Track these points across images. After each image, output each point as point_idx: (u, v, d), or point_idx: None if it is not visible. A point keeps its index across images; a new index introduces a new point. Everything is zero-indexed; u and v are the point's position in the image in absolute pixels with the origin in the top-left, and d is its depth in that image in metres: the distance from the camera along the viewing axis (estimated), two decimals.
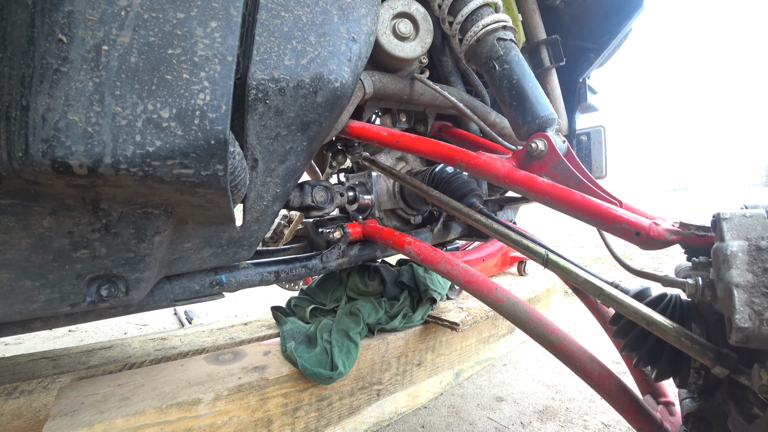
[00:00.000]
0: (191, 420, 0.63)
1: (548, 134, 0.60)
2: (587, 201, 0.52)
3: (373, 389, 0.89)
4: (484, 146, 0.76)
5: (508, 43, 0.65)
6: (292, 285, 2.34)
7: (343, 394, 0.83)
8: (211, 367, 0.76)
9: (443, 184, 0.81)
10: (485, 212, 0.68)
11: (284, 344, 0.85)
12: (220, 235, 0.53)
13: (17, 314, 0.43)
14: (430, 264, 0.67)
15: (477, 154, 0.64)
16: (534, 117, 0.62)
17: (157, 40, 0.31)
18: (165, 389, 0.66)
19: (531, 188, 0.57)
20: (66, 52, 0.28)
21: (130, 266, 0.47)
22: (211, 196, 0.40)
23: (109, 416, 0.57)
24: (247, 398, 0.70)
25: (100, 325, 1.86)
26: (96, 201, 0.39)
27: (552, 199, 0.55)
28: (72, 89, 0.28)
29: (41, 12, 0.27)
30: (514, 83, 0.63)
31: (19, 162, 0.29)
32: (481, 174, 0.64)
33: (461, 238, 1.11)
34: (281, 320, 0.97)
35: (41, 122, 0.28)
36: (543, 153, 0.59)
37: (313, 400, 0.79)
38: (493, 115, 0.94)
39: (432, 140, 0.70)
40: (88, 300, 0.46)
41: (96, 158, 0.30)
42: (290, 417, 0.75)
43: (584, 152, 1.07)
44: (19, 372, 0.74)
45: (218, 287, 0.64)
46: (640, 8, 0.93)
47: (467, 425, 0.96)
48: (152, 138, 0.31)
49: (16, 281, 0.41)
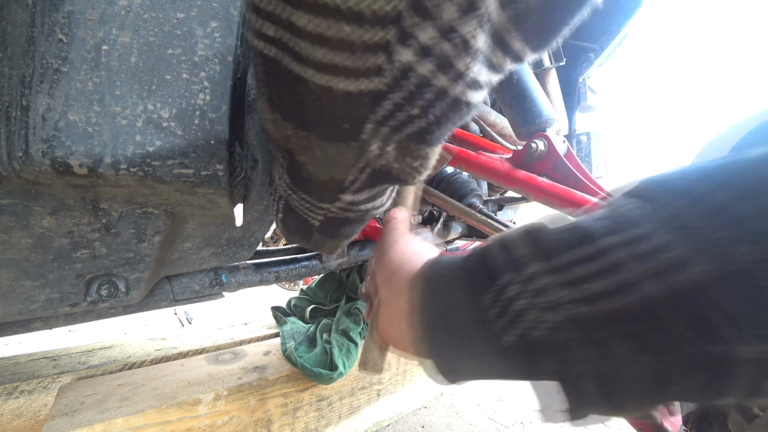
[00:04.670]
0: (191, 420, 0.63)
1: (548, 134, 0.60)
2: (587, 201, 0.52)
3: (373, 389, 0.89)
4: (484, 146, 0.76)
5: None
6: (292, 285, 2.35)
7: (343, 394, 0.83)
8: (211, 367, 0.76)
9: (443, 184, 0.81)
10: (485, 212, 0.68)
11: (284, 344, 0.85)
12: (220, 235, 0.53)
13: (17, 314, 0.43)
14: None
15: (477, 154, 0.64)
16: (534, 117, 0.62)
17: (157, 40, 0.31)
18: (165, 389, 0.66)
19: (531, 188, 0.57)
20: (66, 52, 0.28)
21: (131, 266, 0.47)
22: (211, 196, 0.40)
23: (109, 416, 0.57)
24: (247, 398, 0.70)
25: (100, 325, 1.86)
26: (96, 201, 0.39)
27: (552, 199, 0.55)
28: (72, 89, 0.28)
29: (41, 12, 0.27)
30: (514, 83, 0.63)
31: (19, 162, 0.29)
32: (481, 174, 0.64)
33: (461, 238, 1.11)
34: (281, 320, 0.97)
35: (41, 122, 0.28)
36: (543, 153, 0.59)
37: (313, 400, 0.79)
38: (493, 115, 0.94)
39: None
40: (88, 300, 0.46)
41: (96, 158, 0.30)
42: (290, 417, 0.75)
43: (584, 152, 1.07)
44: (19, 372, 0.74)
45: (218, 287, 0.64)
46: (639, 6, 0.93)
47: (467, 425, 0.96)
48: (152, 138, 0.31)
49: (16, 281, 0.41)
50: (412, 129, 0.25)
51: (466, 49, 0.21)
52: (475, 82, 0.24)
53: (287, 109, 0.25)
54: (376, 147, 0.26)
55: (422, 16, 0.19)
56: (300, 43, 0.21)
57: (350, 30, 0.20)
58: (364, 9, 0.19)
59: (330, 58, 0.21)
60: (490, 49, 0.23)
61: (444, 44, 0.21)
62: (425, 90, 0.23)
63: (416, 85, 0.22)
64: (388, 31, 0.20)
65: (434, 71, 0.22)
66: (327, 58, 0.21)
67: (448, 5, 0.19)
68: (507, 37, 0.22)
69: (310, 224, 0.36)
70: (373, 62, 0.21)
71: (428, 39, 0.20)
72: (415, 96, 0.23)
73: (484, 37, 0.22)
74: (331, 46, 0.21)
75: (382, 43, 0.20)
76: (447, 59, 0.22)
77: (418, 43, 0.20)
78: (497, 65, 0.25)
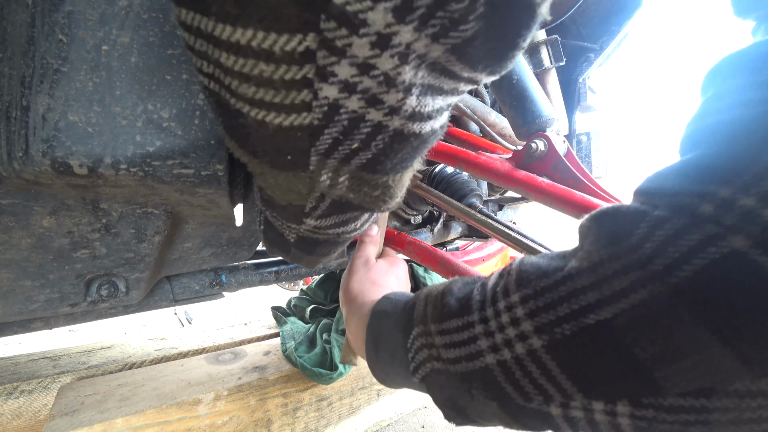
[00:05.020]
0: (191, 420, 0.63)
1: (548, 134, 0.60)
2: (587, 201, 0.52)
3: (373, 389, 0.89)
4: (483, 146, 0.76)
5: None
6: (292, 285, 2.35)
7: (343, 394, 0.83)
8: (211, 367, 0.76)
9: (443, 184, 0.81)
10: (485, 212, 0.68)
11: (284, 344, 0.85)
12: (220, 235, 0.53)
13: (17, 314, 0.43)
14: (430, 264, 0.67)
15: (477, 154, 0.64)
16: (534, 117, 0.62)
17: (157, 40, 0.31)
18: (165, 389, 0.66)
19: (531, 188, 0.57)
20: (66, 52, 0.28)
21: (131, 266, 0.47)
22: (211, 196, 0.40)
23: (109, 416, 0.57)
24: (247, 398, 0.70)
25: (100, 325, 1.86)
26: (96, 201, 0.39)
27: (552, 199, 0.55)
28: (72, 89, 0.28)
29: (41, 12, 0.27)
30: (514, 83, 0.63)
31: (19, 162, 0.29)
32: (481, 174, 0.64)
33: (461, 238, 1.11)
34: (281, 320, 0.97)
35: (41, 122, 0.28)
36: (543, 153, 0.59)
37: (313, 400, 0.79)
38: (492, 115, 0.94)
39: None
40: (88, 300, 0.46)
41: (96, 158, 0.30)
42: (290, 417, 0.75)
43: (584, 152, 1.07)
44: (19, 372, 0.74)
45: (218, 287, 0.64)
46: (639, 6, 0.93)
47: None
48: (152, 138, 0.31)
49: (16, 281, 0.41)
50: (359, 161, 0.25)
51: (393, 85, 0.21)
52: (418, 114, 0.23)
53: (238, 138, 0.25)
54: (326, 178, 0.26)
55: (335, 54, 0.18)
56: (231, 81, 0.21)
57: (269, 69, 0.19)
58: (276, 49, 0.18)
59: (259, 95, 0.21)
60: (435, 78, 0.22)
61: (367, 81, 0.20)
62: (361, 125, 0.22)
63: (350, 120, 0.22)
64: (307, 69, 0.19)
65: (365, 107, 0.21)
66: (256, 95, 0.21)
67: (358, 42, 0.18)
68: (451, 66, 0.22)
69: (286, 239, 0.36)
70: (299, 98, 0.20)
71: (349, 76, 0.19)
72: (352, 130, 0.23)
73: (416, 71, 0.21)
74: (256, 83, 0.20)
75: (303, 80, 0.20)
76: (374, 95, 0.21)
77: (340, 80, 0.20)
78: (450, 90, 0.24)
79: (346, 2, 0.17)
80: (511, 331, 0.24)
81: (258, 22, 0.18)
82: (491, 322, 0.26)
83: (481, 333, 0.26)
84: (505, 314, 0.25)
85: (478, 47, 0.20)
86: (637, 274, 0.19)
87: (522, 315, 0.24)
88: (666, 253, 0.19)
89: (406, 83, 0.21)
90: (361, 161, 0.25)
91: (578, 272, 0.22)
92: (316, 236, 0.35)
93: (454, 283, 0.32)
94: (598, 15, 0.99)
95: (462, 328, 0.27)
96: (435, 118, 0.26)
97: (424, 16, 0.18)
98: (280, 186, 0.28)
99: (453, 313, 0.29)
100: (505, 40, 0.21)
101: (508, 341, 0.24)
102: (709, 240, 0.18)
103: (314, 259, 0.42)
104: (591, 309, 0.21)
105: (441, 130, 0.28)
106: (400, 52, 0.19)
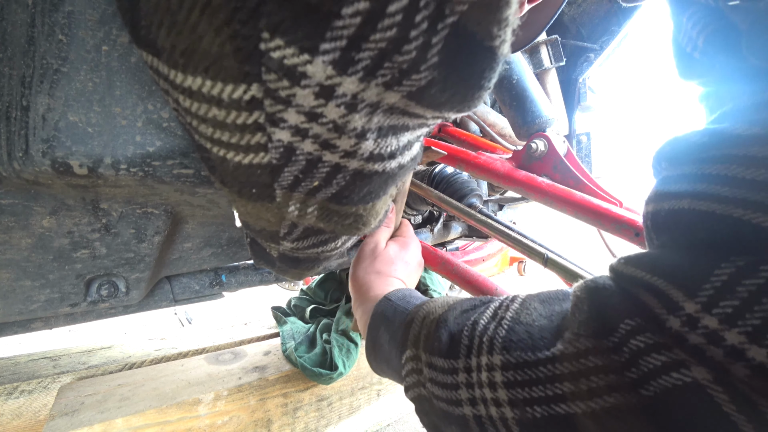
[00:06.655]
0: (191, 420, 0.63)
1: (548, 134, 0.60)
2: (587, 201, 0.52)
3: (373, 389, 0.89)
4: (483, 146, 0.76)
5: None
6: (292, 285, 2.34)
7: (343, 394, 0.83)
8: (211, 367, 0.76)
9: (443, 184, 0.81)
10: (485, 212, 0.68)
11: (284, 344, 0.85)
12: (220, 235, 0.53)
13: (17, 314, 0.43)
14: (430, 264, 0.67)
15: (477, 154, 0.64)
16: (534, 117, 0.62)
17: None
18: (165, 389, 0.66)
19: (531, 188, 0.57)
20: (66, 52, 0.28)
21: (131, 266, 0.47)
22: (211, 196, 0.40)
23: (109, 416, 0.57)
24: (247, 398, 0.70)
25: (100, 325, 1.86)
26: (96, 201, 0.39)
27: (552, 199, 0.55)
28: (72, 89, 0.28)
29: (41, 12, 0.27)
30: (514, 83, 0.63)
31: (19, 162, 0.29)
32: (481, 174, 0.64)
33: (461, 238, 1.11)
34: (281, 320, 0.97)
35: (41, 122, 0.28)
36: (543, 153, 0.59)
37: (313, 400, 0.79)
38: (492, 115, 0.94)
39: (432, 140, 0.70)
40: (88, 300, 0.46)
41: (96, 158, 0.30)
42: (290, 417, 0.75)
43: (584, 152, 1.07)
44: (19, 372, 0.74)
45: (218, 287, 0.64)
46: (639, 6, 0.93)
47: None
48: (152, 138, 0.31)
49: (16, 281, 0.41)
50: (324, 195, 0.25)
51: (344, 132, 0.21)
52: (378, 156, 0.23)
53: (208, 167, 0.26)
54: (294, 209, 0.26)
55: (280, 103, 0.19)
56: (191, 119, 0.22)
57: (221, 113, 0.20)
58: (224, 96, 0.19)
59: (217, 135, 0.21)
60: (398, 119, 0.22)
61: (317, 127, 0.20)
62: (319, 164, 0.22)
63: (307, 160, 0.22)
64: (257, 115, 0.19)
65: (319, 149, 0.21)
66: (214, 135, 0.21)
67: (301, 93, 0.18)
68: (412, 110, 0.21)
69: (270, 254, 0.37)
70: (255, 140, 0.21)
71: (299, 122, 0.20)
72: (311, 169, 0.23)
73: (370, 117, 0.21)
74: (213, 125, 0.21)
75: (255, 125, 0.20)
76: (327, 141, 0.21)
77: (290, 126, 0.20)
78: (418, 125, 0.24)
79: (283, 56, 0.17)
80: (488, 393, 0.24)
81: (204, 71, 0.18)
82: (473, 373, 0.26)
83: (462, 383, 0.26)
84: (485, 373, 0.25)
85: (436, 94, 0.20)
86: (615, 378, 0.19)
87: (500, 382, 0.24)
88: (639, 365, 0.19)
89: (358, 130, 0.21)
90: (326, 195, 0.25)
91: (562, 356, 0.22)
92: (296, 255, 0.35)
93: (451, 311, 0.32)
94: (599, 15, 0.99)
95: (447, 371, 0.28)
96: (401, 154, 0.26)
97: (369, 67, 0.18)
98: (251, 214, 0.28)
99: (442, 352, 0.29)
100: (468, 83, 0.20)
101: (484, 400, 0.25)
102: (675, 365, 0.18)
103: (300, 273, 0.42)
104: (564, 399, 0.21)
105: (412, 162, 0.28)
106: (346, 102, 0.19)
